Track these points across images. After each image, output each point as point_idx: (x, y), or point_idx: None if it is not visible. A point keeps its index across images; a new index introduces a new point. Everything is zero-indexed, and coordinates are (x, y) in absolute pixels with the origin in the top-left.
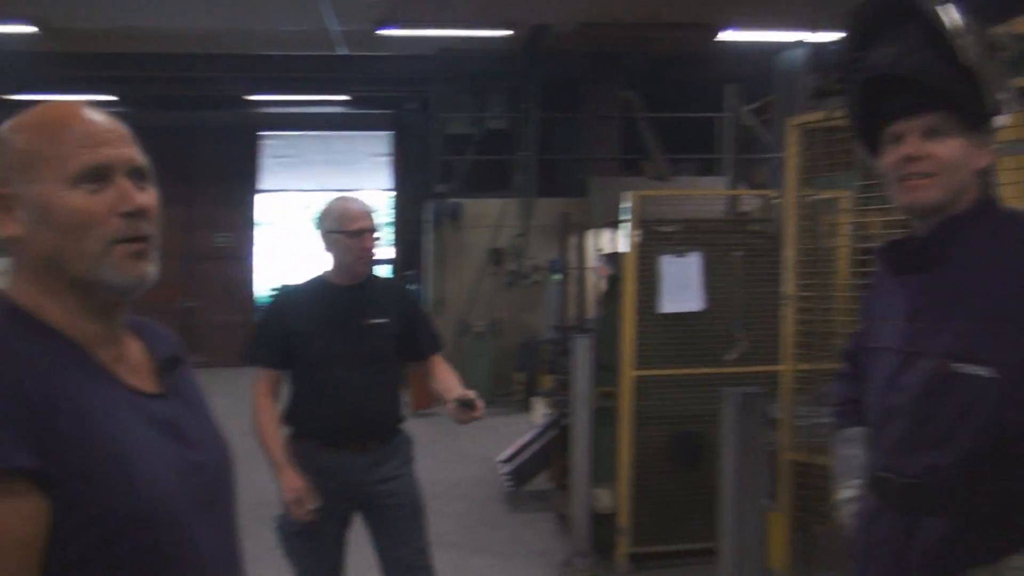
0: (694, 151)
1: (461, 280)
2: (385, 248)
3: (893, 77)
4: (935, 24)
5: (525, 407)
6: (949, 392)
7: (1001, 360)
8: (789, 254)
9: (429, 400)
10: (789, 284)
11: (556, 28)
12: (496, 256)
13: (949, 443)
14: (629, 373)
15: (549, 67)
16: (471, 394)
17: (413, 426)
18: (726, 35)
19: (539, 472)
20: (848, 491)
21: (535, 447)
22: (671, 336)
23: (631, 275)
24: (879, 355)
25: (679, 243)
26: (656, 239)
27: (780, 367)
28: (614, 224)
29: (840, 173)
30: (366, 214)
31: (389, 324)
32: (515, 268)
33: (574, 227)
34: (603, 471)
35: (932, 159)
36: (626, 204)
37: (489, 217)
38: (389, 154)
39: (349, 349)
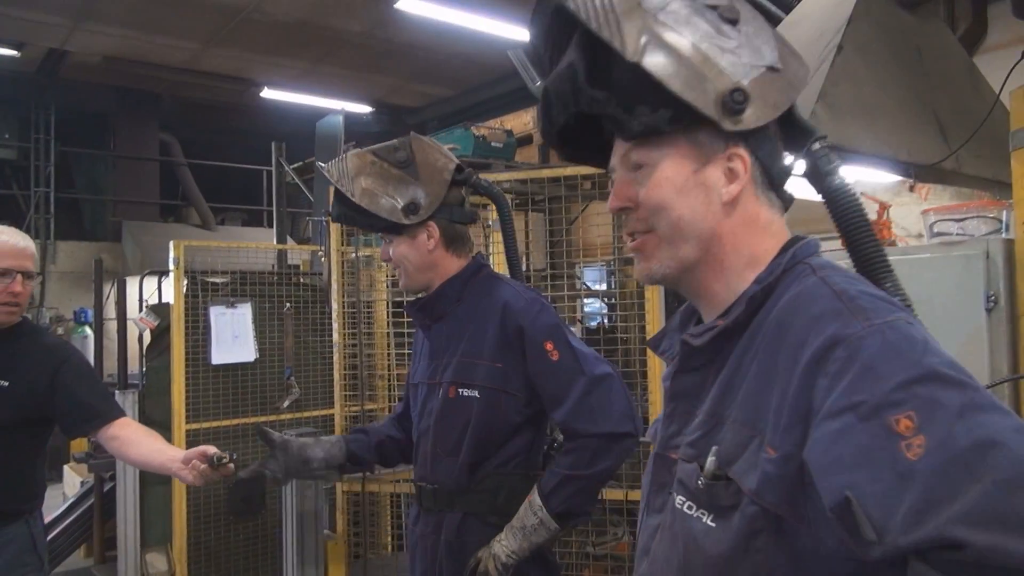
0: (239, 201)
1: None
2: None
3: None
4: (337, 188)
5: (51, 478)
6: (456, 410)
7: (481, 385)
8: (335, 306)
9: None
10: (336, 332)
11: (75, 56)
12: None
13: (458, 451)
14: (181, 427)
15: (69, 97)
16: (211, 448)
17: None
18: (269, 92)
19: (74, 548)
20: None
21: (68, 520)
22: (223, 387)
23: (179, 326)
24: (416, 388)
25: (229, 294)
26: (205, 290)
27: (331, 410)
28: (158, 272)
29: (374, 235)
30: (14, 251)
31: (9, 387)
32: (31, 318)
33: (107, 274)
34: (154, 534)
35: (391, 258)
36: (172, 253)
37: None
38: None
39: None
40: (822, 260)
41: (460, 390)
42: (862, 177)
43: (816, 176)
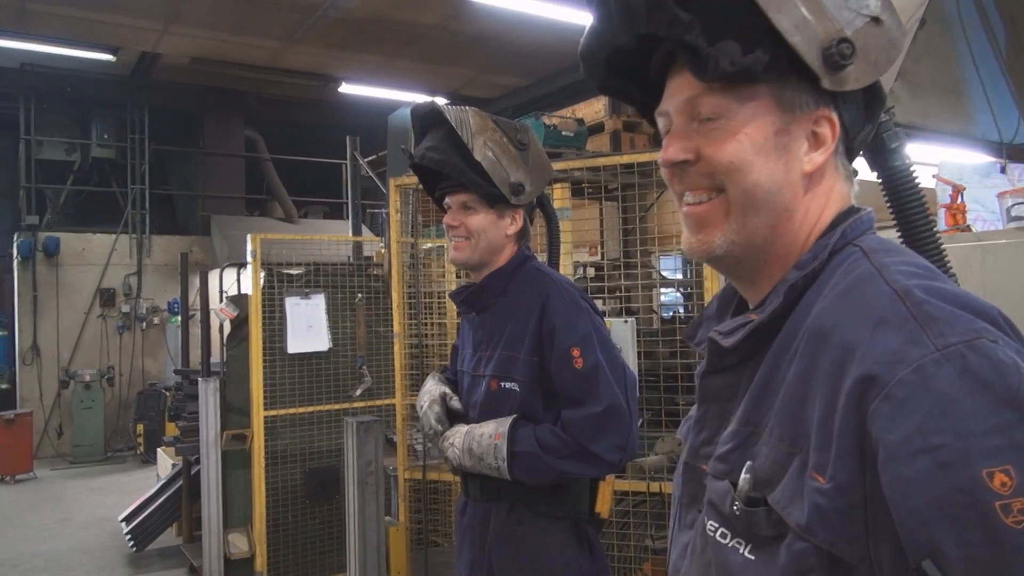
0: (319, 194)
1: (62, 323)
2: None
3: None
4: (456, 129)
5: (149, 460)
6: (499, 402)
7: (520, 379)
8: (395, 297)
9: (22, 463)
10: (396, 323)
11: (166, 58)
12: (106, 297)
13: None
14: (259, 414)
15: (162, 97)
16: None
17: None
18: (347, 88)
19: (166, 527)
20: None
21: (159, 500)
22: (299, 375)
23: (256, 316)
24: (462, 377)
25: (304, 285)
26: (281, 281)
27: (395, 400)
28: (237, 264)
29: (436, 227)
30: None
31: None
32: (128, 310)
33: (196, 266)
34: (236, 516)
35: (464, 227)
36: (249, 245)
37: (95, 254)
38: None
39: None
40: (875, 240)
41: (502, 383)
42: (946, 158)
43: (878, 151)
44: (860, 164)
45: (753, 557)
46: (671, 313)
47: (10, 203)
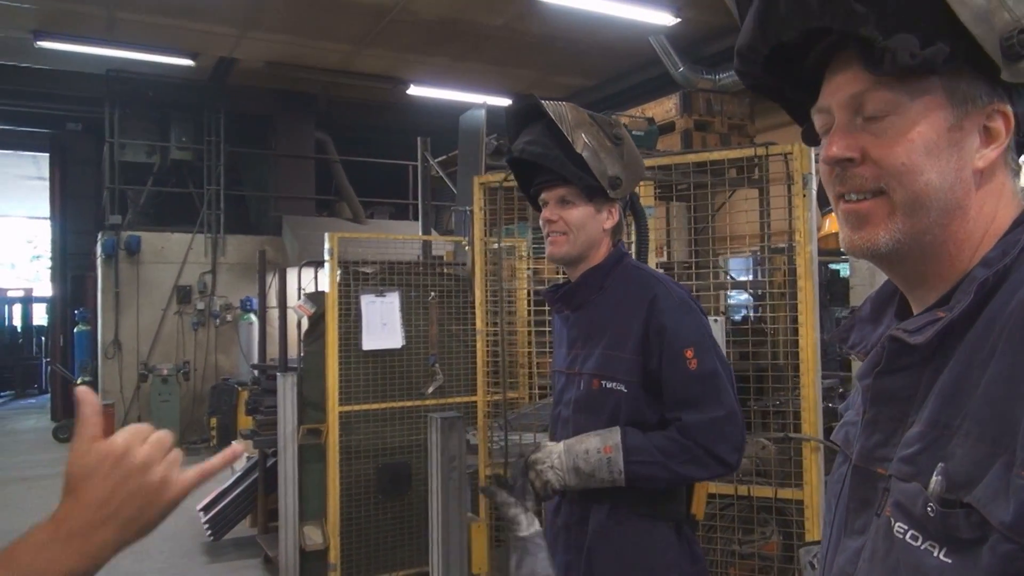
0: (386, 195)
1: (142, 319)
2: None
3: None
4: (555, 122)
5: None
6: (601, 402)
7: (625, 379)
8: (478, 294)
9: None
10: (479, 321)
11: (242, 63)
12: (182, 294)
13: None
14: (334, 409)
15: (237, 101)
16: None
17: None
18: (416, 90)
19: (241, 518)
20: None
21: (236, 492)
22: (373, 372)
23: (333, 314)
24: (556, 376)
25: (378, 283)
26: (356, 279)
27: (474, 397)
28: (314, 263)
29: (517, 225)
30: None
31: None
32: (203, 307)
33: (269, 265)
34: (311, 509)
35: (563, 221)
36: (327, 244)
37: (173, 252)
38: (45, 178)
39: None
40: None
41: (604, 383)
42: None
43: None
44: None
45: (950, 560)
46: (741, 315)
47: (94, 203)
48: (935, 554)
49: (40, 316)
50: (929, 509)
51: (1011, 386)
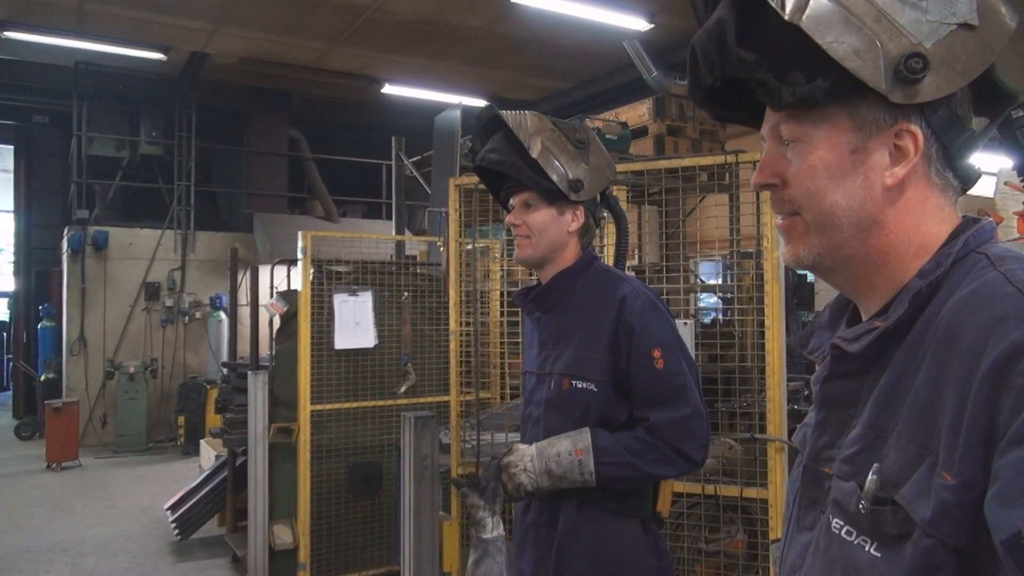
0: (359, 194)
1: (108, 316)
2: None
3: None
4: (513, 131)
5: (189, 451)
6: (572, 402)
7: (595, 378)
8: (452, 295)
9: (69, 451)
10: (452, 321)
11: (215, 58)
12: (151, 290)
13: None
14: (306, 408)
15: (209, 96)
16: None
17: (48, 481)
18: (391, 89)
19: (209, 517)
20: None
21: (204, 491)
22: (345, 371)
23: (305, 312)
24: (527, 377)
25: (351, 282)
26: (330, 278)
27: (446, 397)
28: (287, 261)
29: (492, 226)
30: None
31: None
32: (172, 304)
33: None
34: (281, 508)
35: (525, 225)
36: (300, 242)
37: (142, 248)
38: (9, 171)
39: None
40: (1001, 249)
41: (575, 382)
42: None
43: (1018, 151)
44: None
45: (879, 555)
46: (710, 318)
47: (60, 198)
48: (867, 548)
49: (1, 311)
50: (861, 506)
51: (936, 392)
